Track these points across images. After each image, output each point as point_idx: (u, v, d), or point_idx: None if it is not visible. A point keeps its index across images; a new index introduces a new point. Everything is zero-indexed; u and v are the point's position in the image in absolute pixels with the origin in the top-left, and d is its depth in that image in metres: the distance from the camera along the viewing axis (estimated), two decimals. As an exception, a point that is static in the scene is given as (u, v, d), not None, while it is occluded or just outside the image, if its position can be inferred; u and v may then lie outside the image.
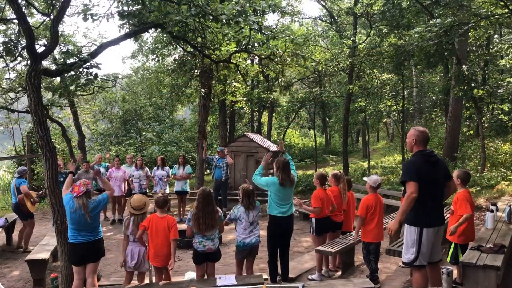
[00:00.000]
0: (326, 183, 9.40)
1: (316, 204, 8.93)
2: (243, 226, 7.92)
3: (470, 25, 14.47)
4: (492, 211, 9.10)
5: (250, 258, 8.22)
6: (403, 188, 6.99)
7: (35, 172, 24.50)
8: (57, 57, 17.57)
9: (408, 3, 19.55)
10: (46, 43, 15.92)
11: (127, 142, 34.38)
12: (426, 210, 6.21)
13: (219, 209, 7.98)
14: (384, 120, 36.81)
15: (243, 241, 7.90)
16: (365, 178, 8.83)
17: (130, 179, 15.38)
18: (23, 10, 9.15)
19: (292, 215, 8.50)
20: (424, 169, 6.16)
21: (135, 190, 15.07)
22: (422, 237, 6.22)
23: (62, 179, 12.49)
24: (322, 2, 30.03)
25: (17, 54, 10.14)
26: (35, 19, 16.19)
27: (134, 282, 8.10)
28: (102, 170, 15.13)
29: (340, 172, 10.00)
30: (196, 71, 21.71)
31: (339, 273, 9.43)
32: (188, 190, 16.20)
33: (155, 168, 15.89)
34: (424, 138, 6.34)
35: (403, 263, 6.65)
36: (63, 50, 11.40)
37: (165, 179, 15.62)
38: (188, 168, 16.08)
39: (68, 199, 7.43)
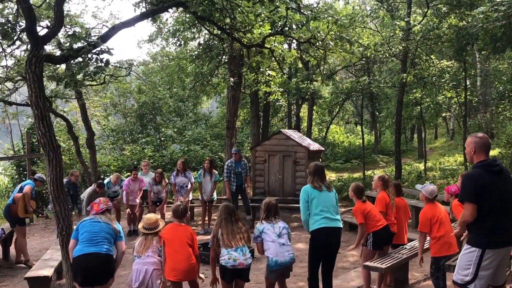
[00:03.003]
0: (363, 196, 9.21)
1: (359, 219, 8.80)
2: (271, 239, 7.81)
3: (544, 3, 14.18)
4: None
5: (282, 278, 8.16)
6: None
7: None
8: (62, 41, 17.79)
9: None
10: (49, 24, 15.91)
11: (143, 140, 34.37)
12: (491, 229, 6.04)
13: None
14: (443, 114, 36.60)
15: (275, 259, 7.71)
16: (418, 187, 8.60)
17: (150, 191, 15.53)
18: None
19: (339, 228, 8.28)
20: (487, 183, 6.02)
21: (154, 200, 15.28)
22: (482, 259, 6.05)
23: (72, 192, 12.58)
24: (370, -24, 29.88)
25: (15, 38, 10.11)
26: (37, -4, 16.23)
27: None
28: (117, 188, 15.48)
29: (386, 174, 9.84)
30: (224, 57, 21.68)
31: (391, 293, 9.30)
32: (215, 197, 16.13)
33: (174, 173, 15.80)
34: (484, 144, 6.21)
35: (453, 282, 6.40)
36: (69, 33, 11.39)
37: (187, 187, 15.64)
38: (216, 175, 15.92)
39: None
